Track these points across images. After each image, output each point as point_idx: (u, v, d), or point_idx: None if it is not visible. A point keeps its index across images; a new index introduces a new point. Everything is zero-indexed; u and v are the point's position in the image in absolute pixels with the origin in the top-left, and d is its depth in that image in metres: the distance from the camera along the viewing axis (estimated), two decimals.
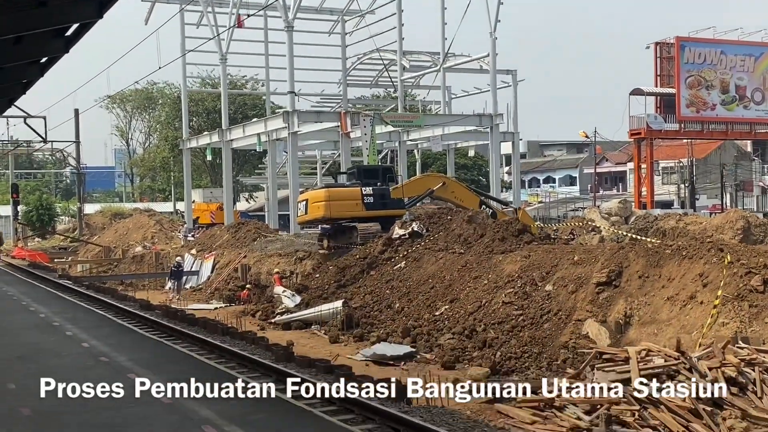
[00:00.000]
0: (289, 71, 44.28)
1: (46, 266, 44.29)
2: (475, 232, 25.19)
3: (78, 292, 28.76)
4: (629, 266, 18.41)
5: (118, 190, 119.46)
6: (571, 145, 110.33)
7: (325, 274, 28.41)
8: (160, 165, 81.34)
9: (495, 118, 49.21)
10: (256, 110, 70.13)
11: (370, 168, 34.45)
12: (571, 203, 74.60)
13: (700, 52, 58.52)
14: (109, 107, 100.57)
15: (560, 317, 18.34)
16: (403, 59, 54.90)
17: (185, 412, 11.23)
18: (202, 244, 43.07)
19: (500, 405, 11.83)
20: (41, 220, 67.14)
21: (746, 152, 79.41)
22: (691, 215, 38.37)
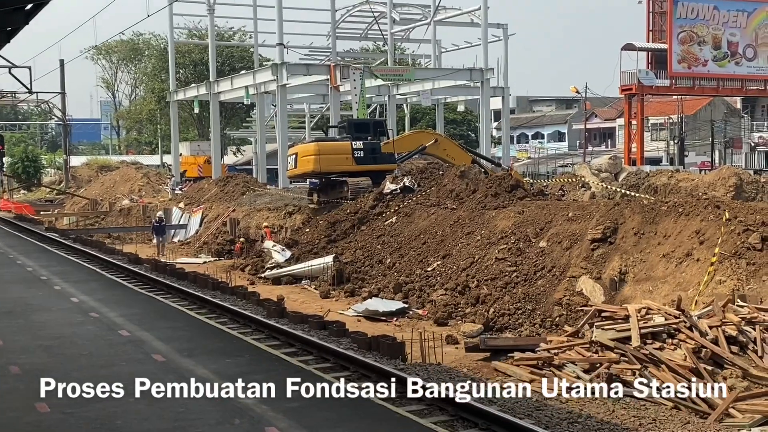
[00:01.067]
0: (278, 23, 43.56)
1: (33, 218, 43.85)
2: (467, 188, 24.95)
3: (65, 245, 28.44)
4: (624, 223, 18.24)
5: (104, 143, 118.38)
6: (560, 101, 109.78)
7: (315, 229, 28.17)
8: (147, 117, 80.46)
9: (486, 72, 48.71)
10: (243, 62, 69.19)
11: (361, 122, 34.03)
12: (560, 159, 74.39)
13: (693, 7, 57.88)
14: (95, 58, 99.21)
15: (554, 274, 18.20)
16: (393, 12, 54.14)
17: (181, 372, 11.00)
18: (190, 198, 42.74)
19: (497, 363, 11.69)
20: (27, 172, 66.45)
21: (736, 109, 79.10)
22: (683, 172, 38.18)
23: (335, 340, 13.61)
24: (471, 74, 49.32)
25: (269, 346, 12.94)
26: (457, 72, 50.66)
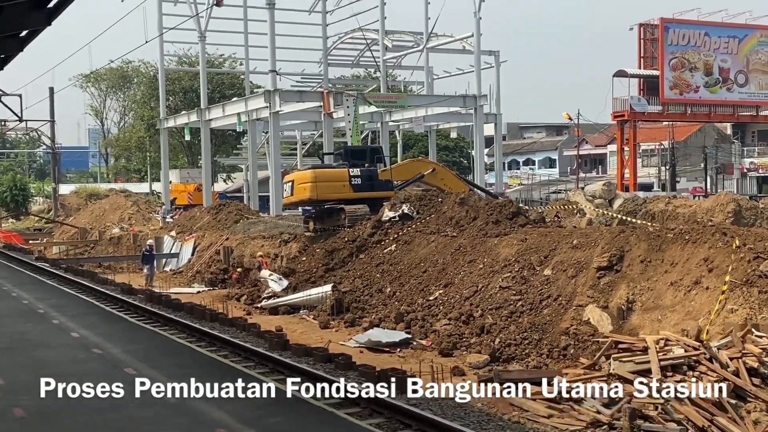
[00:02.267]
0: (271, 49, 43.43)
1: (22, 248, 43.27)
2: (467, 215, 24.62)
3: (57, 276, 27.93)
4: (630, 250, 17.94)
5: (92, 171, 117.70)
6: (550, 128, 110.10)
7: (312, 257, 27.78)
8: (136, 145, 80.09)
9: (479, 99, 48.70)
10: (234, 89, 69.08)
11: (358, 149, 33.78)
12: (552, 185, 74.27)
13: (684, 33, 58.10)
14: (84, 86, 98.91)
15: (560, 303, 17.85)
16: (386, 39, 54.12)
17: (196, 415, 10.52)
18: (182, 226, 42.29)
19: (513, 397, 11.30)
20: (15, 200, 65.81)
21: (726, 135, 79.39)
22: (680, 198, 38.06)
23: (342, 374, 13.20)
24: (464, 101, 49.31)
25: (275, 381, 12.49)
26: (450, 99, 50.66)
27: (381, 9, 52.99)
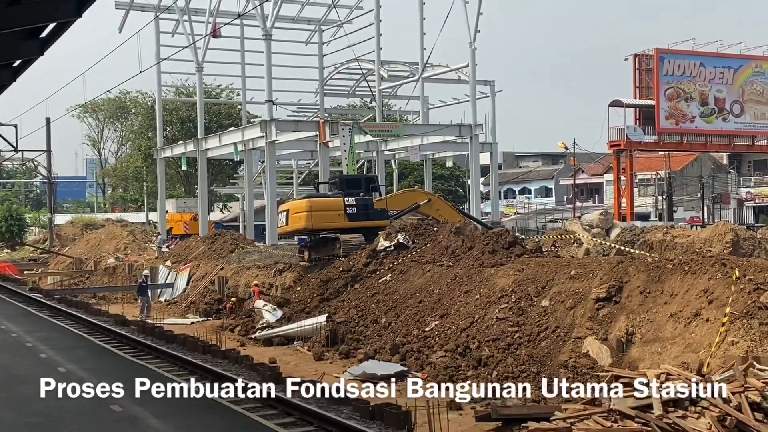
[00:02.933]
0: (267, 80, 43.45)
1: (16, 278, 42.98)
2: (463, 245, 24.43)
3: (50, 307, 27.63)
4: (629, 281, 17.73)
5: (89, 201, 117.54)
6: (546, 157, 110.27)
7: (306, 287, 27.56)
8: (133, 175, 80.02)
9: (475, 128, 48.68)
10: (230, 119, 69.17)
11: (353, 178, 33.67)
12: (548, 214, 74.19)
13: (679, 64, 58.29)
14: (81, 116, 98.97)
15: (558, 334, 17.61)
16: (381, 69, 54.21)
17: None
18: (177, 256, 42.06)
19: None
20: (11, 231, 65.62)
21: (722, 165, 79.48)
22: (678, 228, 37.88)
23: (335, 409, 12.92)
24: (460, 130, 49.27)
25: (263, 417, 12.23)
26: (446, 128, 50.63)
27: (377, 40, 53.16)
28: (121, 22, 55.95)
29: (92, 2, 12.66)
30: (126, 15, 55.43)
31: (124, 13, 55.22)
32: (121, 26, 56.39)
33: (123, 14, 55.29)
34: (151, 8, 54.83)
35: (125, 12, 55.14)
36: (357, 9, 58.79)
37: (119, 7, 54.81)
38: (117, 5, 54.55)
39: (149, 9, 55.00)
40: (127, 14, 55.42)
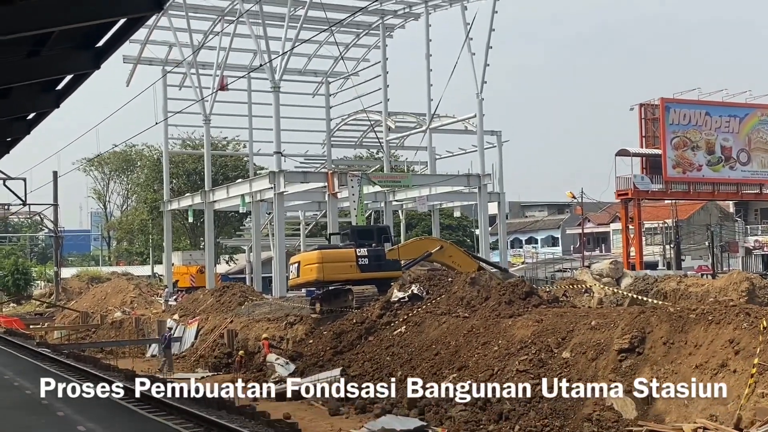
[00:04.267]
0: (276, 131, 43.62)
1: (23, 333, 42.58)
2: (479, 295, 24.15)
3: (59, 362, 27.25)
4: (652, 332, 17.42)
5: (94, 254, 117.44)
6: (552, 206, 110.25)
7: (319, 340, 27.20)
8: (139, 227, 80.00)
9: (483, 178, 48.71)
10: (237, 171, 69.32)
11: (365, 228, 33.51)
12: (556, 264, 73.79)
13: (685, 113, 58.40)
14: (87, 170, 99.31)
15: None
16: (389, 120, 54.44)
17: None
18: (185, 309, 41.70)
19: None
20: (17, 285, 65.39)
21: (729, 213, 79.31)
22: (692, 277, 37.57)
23: None
24: (468, 180, 49.31)
25: None
26: (454, 178, 50.67)
27: (384, 91, 53.50)
28: (129, 75, 56.43)
29: (111, 54, 12.59)
30: (134, 69, 55.89)
31: (132, 67, 55.71)
32: (129, 80, 56.88)
33: (131, 68, 55.80)
34: (159, 62, 55.29)
35: (133, 66, 55.60)
36: (364, 61, 59.36)
37: (127, 62, 55.30)
38: (125, 59, 55.04)
39: (157, 63, 55.46)
40: (135, 68, 55.89)
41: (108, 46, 12.28)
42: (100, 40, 12.18)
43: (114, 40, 11.95)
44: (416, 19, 53.64)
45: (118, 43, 11.86)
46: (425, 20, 51.84)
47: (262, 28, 43.65)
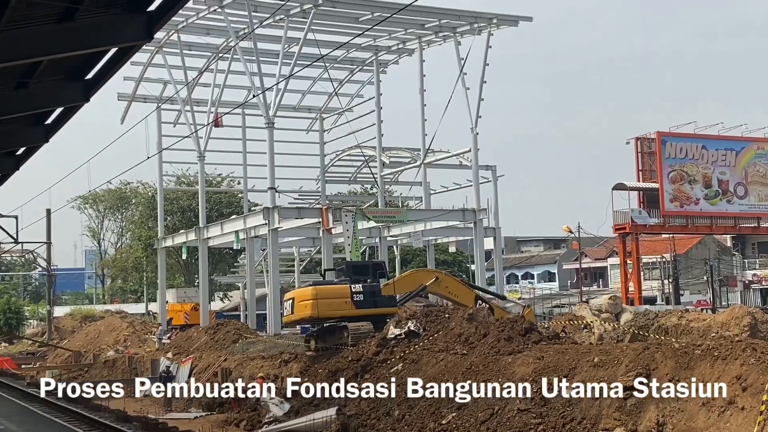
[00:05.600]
0: (270, 167, 43.33)
1: (14, 373, 41.92)
2: (477, 332, 23.66)
3: (49, 403, 26.66)
4: (657, 368, 16.97)
5: (88, 292, 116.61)
6: (547, 241, 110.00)
7: (314, 378, 26.62)
8: (133, 265, 79.45)
9: (478, 213, 48.42)
10: (231, 208, 69.03)
11: (360, 264, 33.11)
12: (553, 299, 73.36)
13: (681, 146, 58.40)
14: (81, 207, 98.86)
15: (585, 426, 16.79)
16: (383, 155, 54.28)
17: None
18: (179, 347, 41.11)
19: None
20: (9, 324, 64.65)
21: (726, 247, 79.09)
22: (692, 311, 37.20)
23: None
24: (464, 215, 49.01)
25: None
26: (450, 212, 50.34)
27: (378, 127, 53.40)
28: (124, 113, 56.36)
29: (101, 86, 12.30)
30: (128, 106, 55.78)
31: (126, 104, 55.60)
32: (123, 117, 56.78)
33: (125, 106, 55.71)
34: (153, 100, 55.17)
35: (127, 104, 55.49)
36: (358, 97, 59.35)
37: (121, 99, 55.24)
38: (119, 97, 55.01)
39: (152, 100, 55.33)
40: (130, 105, 55.77)
41: (98, 77, 12.01)
42: (89, 72, 11.91)
43: (104, 71, 11.66)
44: (410, 54, 53.70)
45: (108, 74, 11.56)
46: (419, 56, 51.88)
47: (257, 65, 43.59)
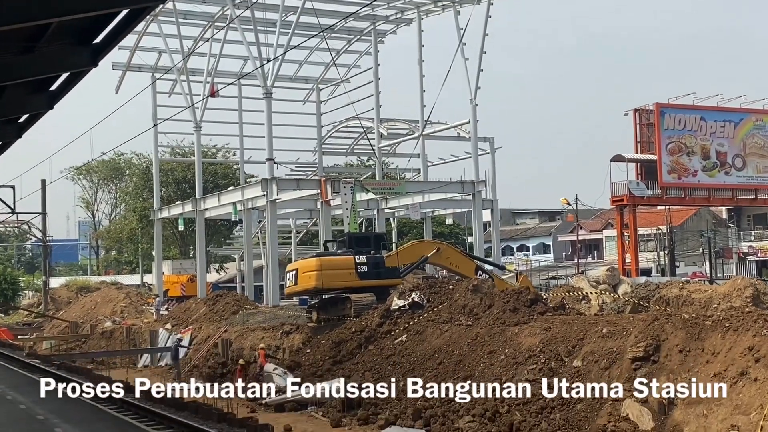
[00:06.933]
0: (268, 138, 42.90)
1: (12, 344, 41.75)
2: (481, 303, 23.58)
3: (51, 374, 26.44)
4: (667, 339, 16.89)
5: (82, 264, 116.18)
6: (543, 213, 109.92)
7: (317, 350, 26.59)
8: (128, 236, 79.07)
9: (477, 185, 48.14)
10: (227, 179, 68.58)
11: (362, 235, 32.96)
12: (548, 271, 73.32)
13: (680, 118, 58.07)
14: (75, 178, 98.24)
15: (594, 397, 16.68)
16: (381, 127, 53.88)
17: None
18: (177, 318, 41.03)
19: None
20: (4, 295, 64.37)
21: (722, 219, 79.04)
22: (693, 283, 37.14)
23: None
24: (462, 187, 48.69)
25: None
26: (449, 185, 50.02)
27: (376, 98, 52.97)
28: (118, 82, 55.73)
29: (110, 50, 11.99)
30: (123, 76, 55.18)
31: (121, 74, 55.00)
32: (118, 87, 56.16)
33: (120, 75, 55.12)
34: (148, 69, 54.60)
35: (122, 73, 54.90)
36: (355, 67, 58.80)
37: (116, 68, 54.59)
38: (114, 66, 54.34)
39: (146, 70, 54.77)
40: (124, 75, 55.18)
41: (107, 41, 11.70)
42: (98, 35, 11.58)
43: (113, 34, 11.36)
44: (408, 24, 53.17)
45: (119, 37, 11.27)
46: (417, 26, 51.37)
47: (254, 34, 43.03)
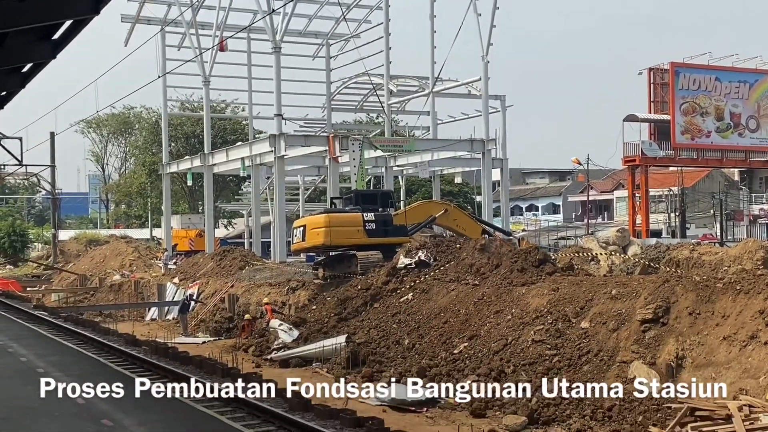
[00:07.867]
0: (276, 94, 42.50)
1: (20, 295, 41.90)
2: (489, 262, 23.35)
3: (57, 326, 26.51)
4: (677, 302, 16.67)
5: (92, 217, 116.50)
6: (553, 173, 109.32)
7: (323, 306, 26.49)
8: (137, 191, 79.04)
9: (487, 143, 47.69)
10: (236, 135, 68.23)
11: (369, 193, 32.73)
12: (558, 231, 73.06)
13: (694, 78, 57.31)
14: (84, 132, 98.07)
15: (601, 358, 16.56)
16: (391, 83, 53.30)
17: None
18: (185, 273, 41.02)
19: None
20: (13, 246, 64.59)
21: (734, 181, 78.42)
22: (704, 245, 36.84)
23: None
24: (472, 145, 48.28)
25: None
26: (458, 143, 49.59)
27: (386, 54, 52.31)
28: (127, 35, 55.18)
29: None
30: (132, 28, 54.63)
31: (130, 26, 54.47)
32: (127, 39, 55.62)
33: (129, 27, 54.59)
34: (157, 22, 54.02)
35: (131, 25, 54.37)
36: (365, 23, 58.07)
37: (125, 20, 54.07)
38: (123, 18, 53.84)
39: (155, 22, 54.18)
40: (133, 27, 54.64)
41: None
42: None
43: None
44: None
45: None
46: None
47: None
